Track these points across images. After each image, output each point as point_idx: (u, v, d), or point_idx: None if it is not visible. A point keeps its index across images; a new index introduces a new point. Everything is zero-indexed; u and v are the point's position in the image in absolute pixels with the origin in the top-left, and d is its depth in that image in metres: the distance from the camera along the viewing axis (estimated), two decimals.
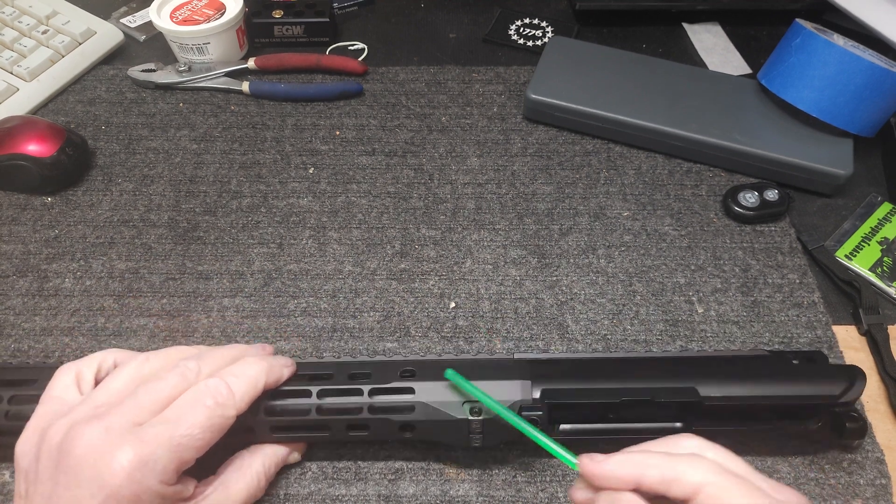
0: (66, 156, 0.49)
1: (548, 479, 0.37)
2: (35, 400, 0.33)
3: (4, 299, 0.44)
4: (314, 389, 0.34)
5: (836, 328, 0.43)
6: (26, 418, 0.32)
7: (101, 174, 0.52)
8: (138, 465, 0.28)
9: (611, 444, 0.31)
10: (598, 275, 0.46)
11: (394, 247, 0.47)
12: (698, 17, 0.65)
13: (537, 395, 0.34)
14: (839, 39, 0.51)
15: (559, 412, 0.35)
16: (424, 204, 0.50)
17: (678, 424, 0.35)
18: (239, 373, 0.32)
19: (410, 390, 0.34)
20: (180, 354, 0.33)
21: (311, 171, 0.52)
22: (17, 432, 0.31)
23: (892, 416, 0.40)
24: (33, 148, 0.48)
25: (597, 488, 0.28)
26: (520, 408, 0.34)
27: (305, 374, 0.35)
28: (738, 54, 0.62)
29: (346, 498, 0.36)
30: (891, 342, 0.42)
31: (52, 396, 0.32)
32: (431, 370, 0.35)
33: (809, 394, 0.35)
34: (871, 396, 0.40)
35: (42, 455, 0.29)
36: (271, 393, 0.34)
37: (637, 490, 0.27)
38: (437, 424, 0.34)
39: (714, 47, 0.63)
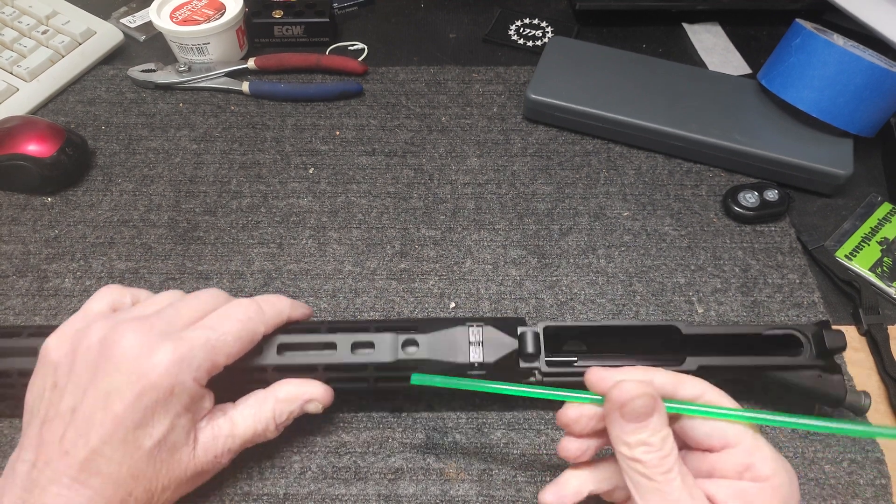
0: (66, 156, 0.49)
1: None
2: (18, 353, 0.35)
3: (4, 299, 0.44)
4: (321, 365, 0.36)
5: (836, 328, 0.43)
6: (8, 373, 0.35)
7: (101, 174, 0.52)
8: (177, 360, 0.30)
9: None
10: (598, 275, 0.46)
11: (394, 247, 0.47)
12: (698, 17, 0.65)
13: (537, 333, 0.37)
14: (839, 39, 0.51)
15: (555, 339, 0.37)
16: (424, 204, 0.50)
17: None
18: (268, 299, 0.36)
19: (415, 328, 0.36)
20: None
21: (311, 171, 0.52)
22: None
23: (892, 416, 0.40)
24: (33, 148, 0.48)
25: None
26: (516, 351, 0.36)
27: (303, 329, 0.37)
28: (738, 54, 0.62)
29: (346, 498, 0.36)
30: (891, 342, 0.42)
31: (90, 308, 0.34)
32: (432, 324, 0.36)
33: (788, 326, 0.38)
34: (871, 396, 0.40)
35: (80, 348, 0.31)
36: (285, 330, 0.36)
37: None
38: (441, 363, 0.35)
39: (714, 47, 0.63)
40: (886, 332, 0.42)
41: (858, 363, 0.42)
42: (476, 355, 0.35)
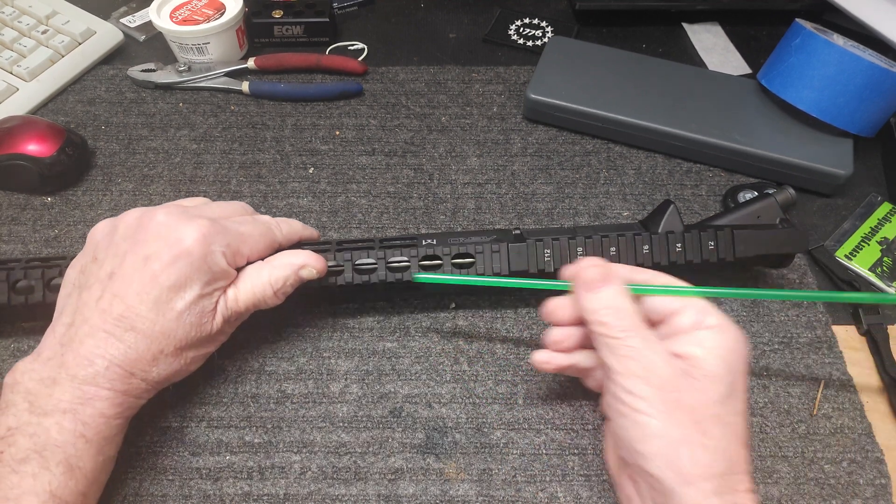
0: (65, 156, 0.49)
1: (548, 479, 0.37)
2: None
3: None
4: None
5: (836, 328, 0.43)
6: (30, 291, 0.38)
7: (101, 174, 0.52)
8: (208, 233, 0.34)
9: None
10: None
11: None
12: (698, 17, 0.65)
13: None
14: (839, 39, 0.51)
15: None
16: (424, 204, 0.50)
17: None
18: (284, 219, 0.40)
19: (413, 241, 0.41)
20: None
21: (311, 171, 0.52)
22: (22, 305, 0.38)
23: (892, 416, 0.40)
24: (33, 148, 0.48)
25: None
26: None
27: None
28: (737, 54, 0.62)
29: (346, 498, 0.36)
30: (891, 342, 0.42)
31: (96, 240, 0.37)
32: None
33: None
34: (871, 396, 0.40)
35: (119, 227, 0.35)
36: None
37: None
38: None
39: (714, 47, 0.63)
40: (886, 332, 0.42)
41: (858, 363, 0.42)
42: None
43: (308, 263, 0.38)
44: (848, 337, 0.43)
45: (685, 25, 0.65)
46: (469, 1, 0.67)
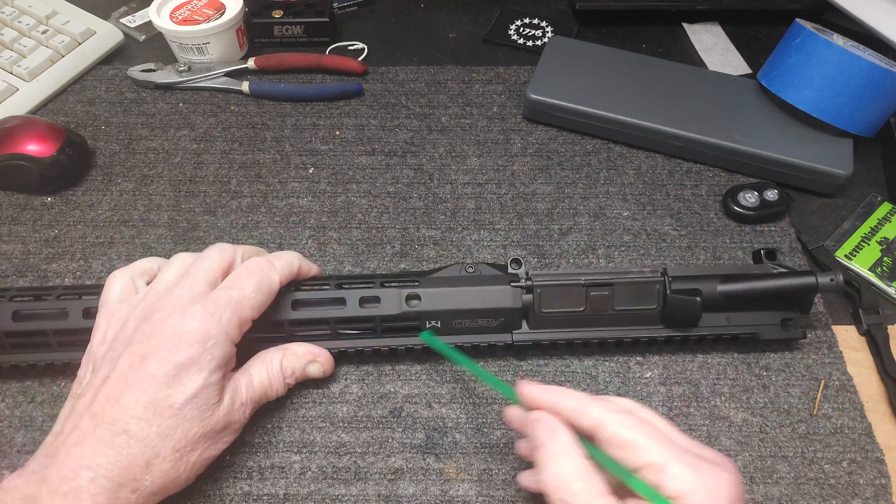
0: (65, 156, 0.49)
1: None
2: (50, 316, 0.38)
3: None
4: (332, 282, 0.39)
5: (836, 328, 0.43)
6: (34, 318, 0.37)
7: (101, 174, 0.52)
8: (207, 317, 0.32)
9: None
10: None
11: (394, 247, 0.47)
12: (698, 17, 0.65)
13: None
14: (839, 39, 0.51)
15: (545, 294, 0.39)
16: (424, 204, 0.50)
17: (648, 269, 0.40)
18: (276, 255, 0.38)
19: (416, 282, 0.39)
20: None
21: (310, 171, 0.52)
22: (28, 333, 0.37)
23: (892, 416, 0.40)
24: (33, 148, 0.48)
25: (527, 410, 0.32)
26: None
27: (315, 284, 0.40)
28: (737, 54, 0.62)
29: (346, 498, 0.36)
30: (891, 342, 0.42)
31: (111, 300, 0.36)
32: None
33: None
34: (871, 396, 0.40)
35: (119, 334, 0.33)
36: (296, 285, 0.39)
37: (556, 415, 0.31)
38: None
39: (714, 47, 0.63)
40: (886, 332, 0.42)
41: (858, 363, 0.42)
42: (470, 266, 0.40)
43: (318, 359, 0.38)
44: (848, 337, 0.43)
45: (685, 25, 0.65)
46: (469, 1, 0.67)
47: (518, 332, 0.40)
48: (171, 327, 0.32)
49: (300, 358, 0.38)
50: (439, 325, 0.39)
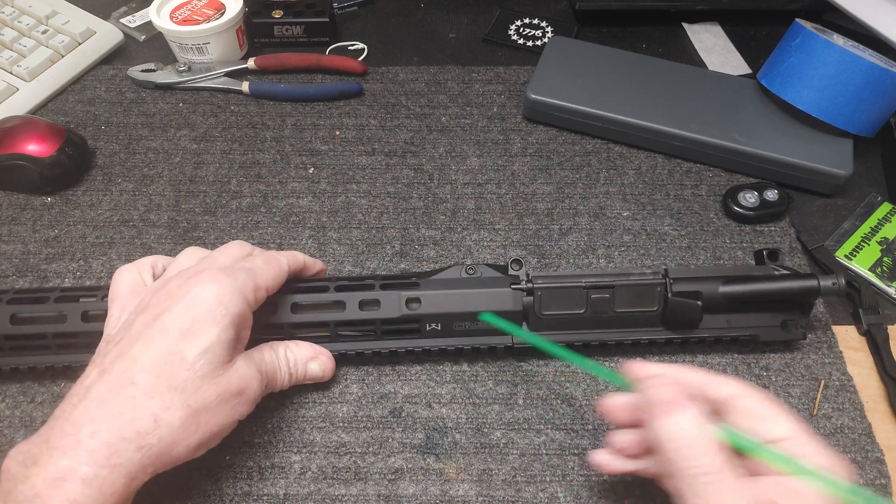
0: (65, 156, 0.49)
1: (548, 479, 0.37)
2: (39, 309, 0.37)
3: None
4: (332, 284, 0.39)
5: (836, 328, 0.43)
6: (32, 321, 0.37)
7: (101, 174, 0.52)
8: (223, 277, 0.32)
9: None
10: None
11: (394, 247, 0.47)
12: (698, 17, 0.65)
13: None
14: (839, 39, 0.51)
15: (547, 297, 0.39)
16: (424, 204, 0.50)
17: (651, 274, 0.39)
18: (283, 252, 0.38)
19: (416, 285, 0.39)
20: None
21: (311, 171, 0.52)
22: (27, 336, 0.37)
23: (892, 416, 0.40)
24: (33, 148, 0.48)
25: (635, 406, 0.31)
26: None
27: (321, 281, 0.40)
28: (737, 54, 0.62)
29: (346, 498, 0.36)
30: (891, 342, 0.42)
31: (122, 293, 0.35)
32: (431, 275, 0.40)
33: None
34: (871, 396, 0.40)
35: (133, 309, 0.33)
36: (293, 288, 0.38)
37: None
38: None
39: (714, 47, 0.63)
40: (886, 332, 0.42)
41: (858, 363, 0.42)
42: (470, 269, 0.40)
43: (320, 356, 0.38)
44: (848, 337, 0.43)
45: (685, 25, 0.65)
46: (469, 1, 0.67)
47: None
48: (186, 289, 0.32)
49: (302, 351, 0.38)
50: (439, 328, 0.39)
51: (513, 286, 0.39)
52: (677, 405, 0.28)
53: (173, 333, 0.30)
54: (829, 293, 0.38)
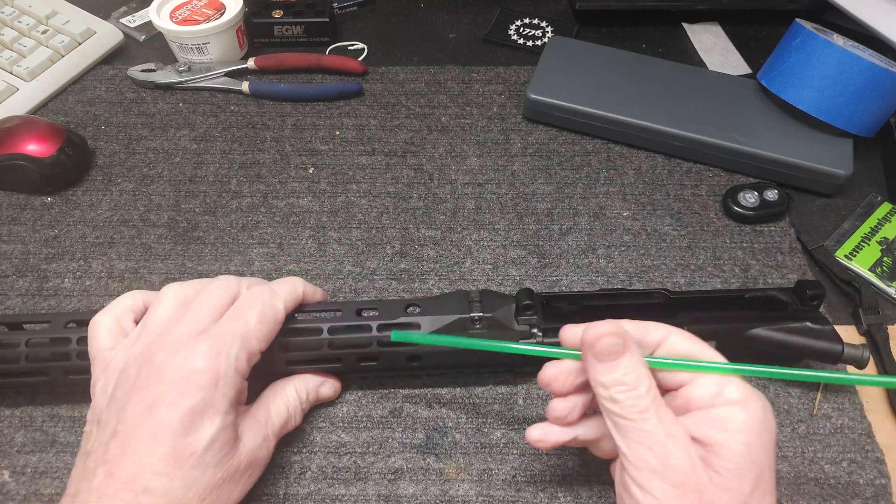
0: (65, 156, 0.49)
1: (548, 478, 0.37)
2: (51, 341, 0.36)
3: (4, 299, 0.44)
4: (325, 326, 0.37)
5: (836, 328, 0.43)
6: (44, 359, 0.35)
7: (101, 174, 0.52)
8: (215, 355, 0.30)
9: None
10: (598, 275, 0.46)
11: (394, 247, 0.47)
12: (698, 17, 0.65)
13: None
14: (839, 39, 0.51)
15: (551, 305, 0.38)
16: (424, 204, 0.50)
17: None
18: (279, 281, 0.36)
19: (417, 325, 0.37)
20: (207, 280, 0.35)
21: (310, 171, 0.52)
22: (36, 373, 0.36)
23: (892, 416, 0.40)
24: (33, 148, 0.48)
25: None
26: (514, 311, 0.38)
27: (316, 310, 0.38)
28: (737, 54, 0.62)
29: (346, 498, 0.36)
30: (891, 342, 0.42)
31: (102, 349, 0.33)
32: (435, 305, 0.38)
33: (770, 288, 0.40)
34: (872, 396, 0.40)
35: (119, 381, 0.31)
36: (286, 331, 0.36)
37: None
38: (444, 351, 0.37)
39: (714, 47, 0.63)
40: (886, 332, 0.42)
41: None
42: (476, 310, 0.37)
43: (327, 380, 0.38)
44: (848, 337, 0.43)
45: (685, 25, 0.65)
46: (469, 1, 0.67)
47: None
48: (177, 370, 0.30)
49: (312, 381, 0.37)
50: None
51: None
52: (626, 348, 0.29)
53: (176, 429, 0.29)
54: (849, 362, 0.38)
